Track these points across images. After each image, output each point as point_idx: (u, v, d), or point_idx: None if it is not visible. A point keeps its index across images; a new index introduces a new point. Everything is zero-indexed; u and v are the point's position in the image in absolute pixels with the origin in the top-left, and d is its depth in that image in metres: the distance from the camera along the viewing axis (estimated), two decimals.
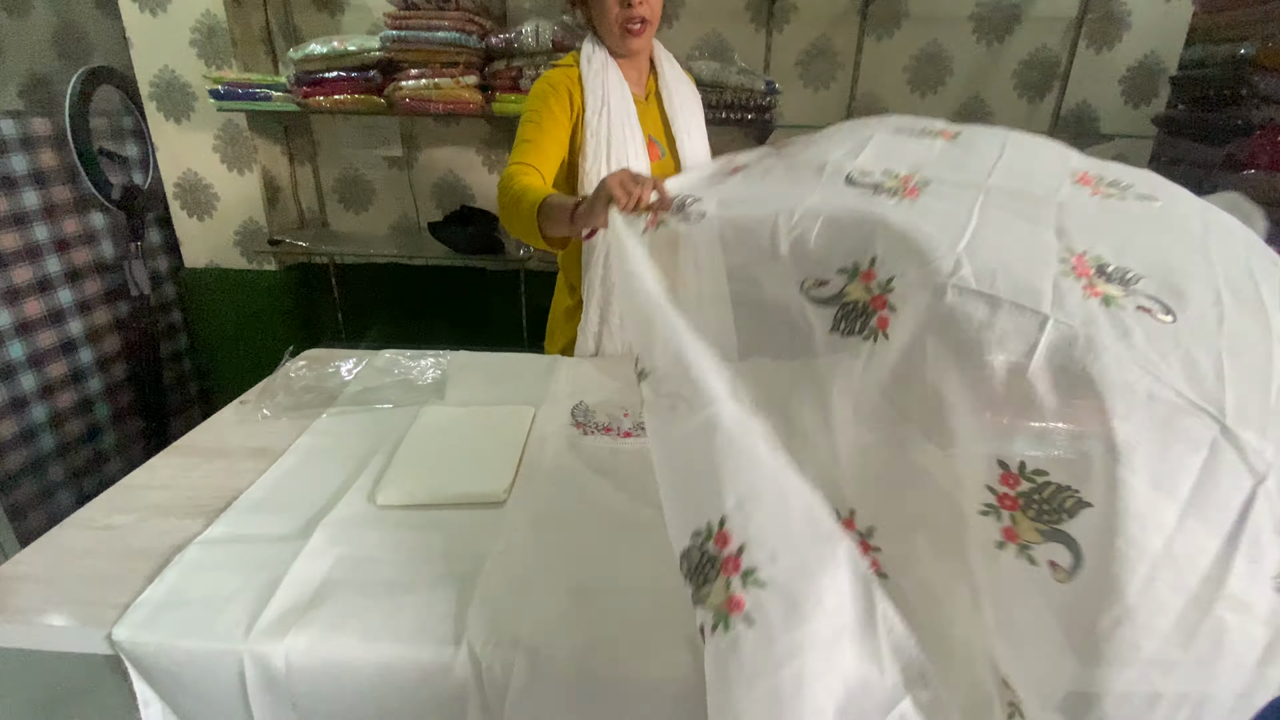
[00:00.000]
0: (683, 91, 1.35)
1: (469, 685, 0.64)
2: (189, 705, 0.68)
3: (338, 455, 0.99)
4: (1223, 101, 1.86)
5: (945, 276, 0.59)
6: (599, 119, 1.24)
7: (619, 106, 1.24)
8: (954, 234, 0.63)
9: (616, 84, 1.25)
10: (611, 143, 1.24)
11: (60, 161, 2.03)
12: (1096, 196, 0.75)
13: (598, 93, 1.24)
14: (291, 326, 2.48)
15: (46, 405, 2.03)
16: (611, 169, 1.20)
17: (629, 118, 1.26)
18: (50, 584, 0.73)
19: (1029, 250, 0.62)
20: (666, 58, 1.37)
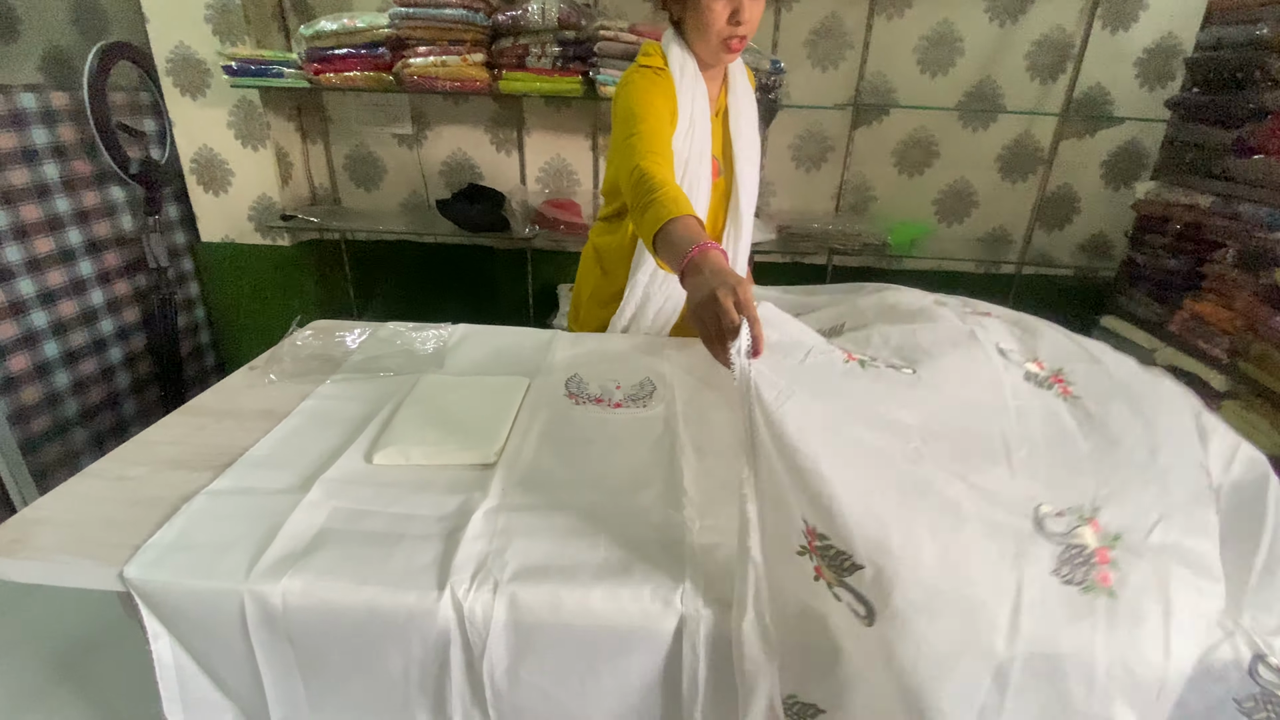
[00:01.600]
0: (749, 110, 1.28)
1: (451, 626, 0.69)
2: (196, 639, 0.74)
3: (338, 418, 1.03)
4: (1237, 84, 1.83)
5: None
6: (685, 138, 1.17)
7: (701, 127, 1.17)
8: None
9: (702, 101, 1.17)
10: (689, 164, 1.17)
11: (79, 135, 2.08)
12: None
13: (687, 110, 1.16)
14: (304, 301, 2.54)
15: (69, 372, 2.10)
16: (681, 181, 1.16)
17: (705, 138, 1.20)
18: (68, 527, 0.79)
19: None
20: (739, 69, 1.27)
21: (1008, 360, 0.82)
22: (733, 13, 1.06)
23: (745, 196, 1.27)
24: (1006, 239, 2.48)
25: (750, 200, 1.29)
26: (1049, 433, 0.72)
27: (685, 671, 0.70)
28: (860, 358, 0.82)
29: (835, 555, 0.64)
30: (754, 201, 1.31)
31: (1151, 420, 0.74)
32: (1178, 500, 0.68)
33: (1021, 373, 0.81)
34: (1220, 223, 1.82)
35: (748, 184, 1.27)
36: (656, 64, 1.16)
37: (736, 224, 1.29)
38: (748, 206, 1.29)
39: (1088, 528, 0.65)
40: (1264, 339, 1.67)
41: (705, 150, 1.20)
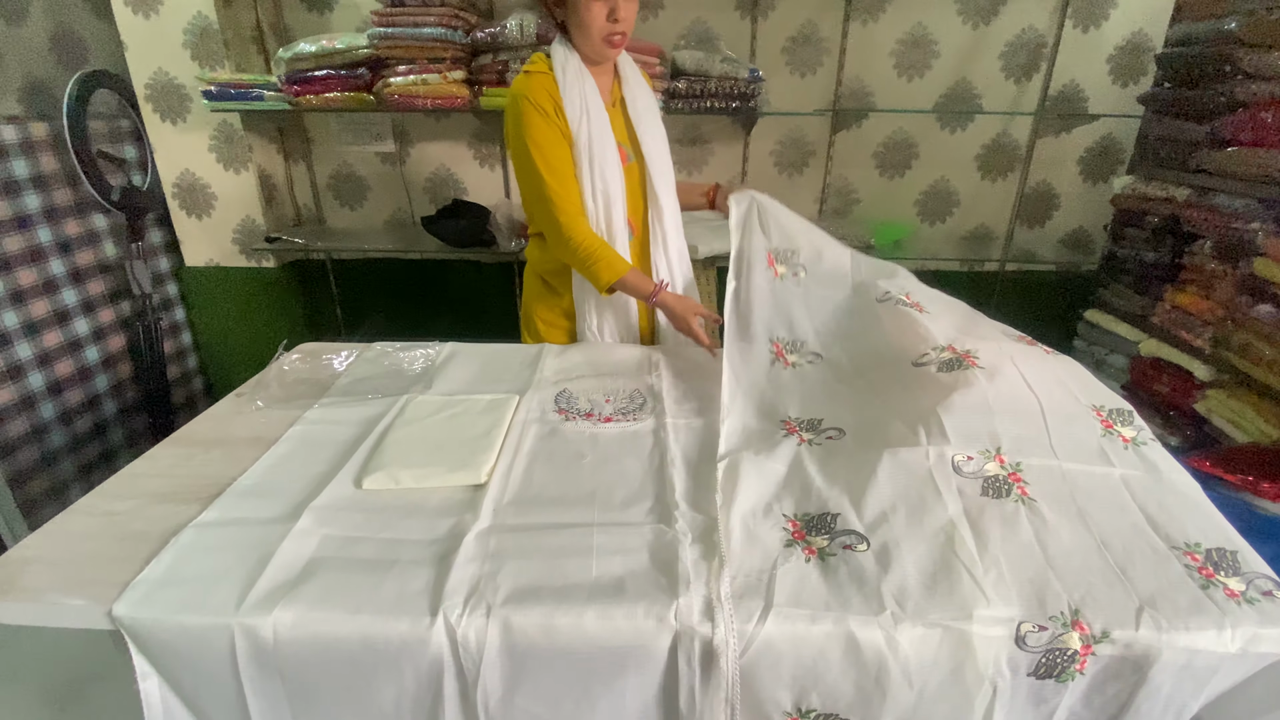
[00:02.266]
0: (644, 97, 1.37)
1: (445, 654, 0.69)
2: (184, 677, 0.73)
3: (327, 443, 1.03)
4: (1208, 78, 1.86)
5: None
6: (582, 130, 1.25)
7: (596, 117, 1.26)
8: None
9: (592, 93, 1.27)
10: (593, 152, 1.27)
11: (60, 165, 2.07)
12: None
13: (577, 103, 1.25)
14: (291, 322, 2.53)
15: (55, 403, 2.08)
16: (594, 177, 1.29)
17: (605, 126, 1.28)
18: (55, 566, 0.78)
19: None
20: (628, 63, 1.37)
21: (963, 477, 0.87)
22: (609, 12, 1.17)
23: (659, 177, 1.37)
24: (989, 237, 2.50)
25: (664, 179, 1.38)
26: (1010, 549, 0.77)
27: (683, 687, 0.70)
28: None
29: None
30: (670, 180, 1.40)
31: (1100, 524, 0.81)
32: (1148, 586, 0.73)
33: (979, 486, 0.86)
34: (1197, 215, 1.85)
35: (658, 164, 1.36)
36: (540, 69, 1.26)
37: (656, 204, 1.37)
38: (663, 185, 1.38)
39: (1074, 633, 0.69)
40: (1245, 328, 1.70)
41: (607, 135, 1.28)
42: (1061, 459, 0.89)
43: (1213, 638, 0.68)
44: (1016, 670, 0.70)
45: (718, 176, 2.45)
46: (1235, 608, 0.71)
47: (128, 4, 2.08)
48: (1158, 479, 0.89)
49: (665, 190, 1.38)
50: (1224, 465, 1.47)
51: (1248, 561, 0.77)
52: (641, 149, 1.35)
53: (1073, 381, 1.04)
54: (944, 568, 0.73)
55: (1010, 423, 0.93)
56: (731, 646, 0.68)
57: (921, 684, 0.69)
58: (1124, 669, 0.70)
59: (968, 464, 0.87)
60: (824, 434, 1.00)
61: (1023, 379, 1.00)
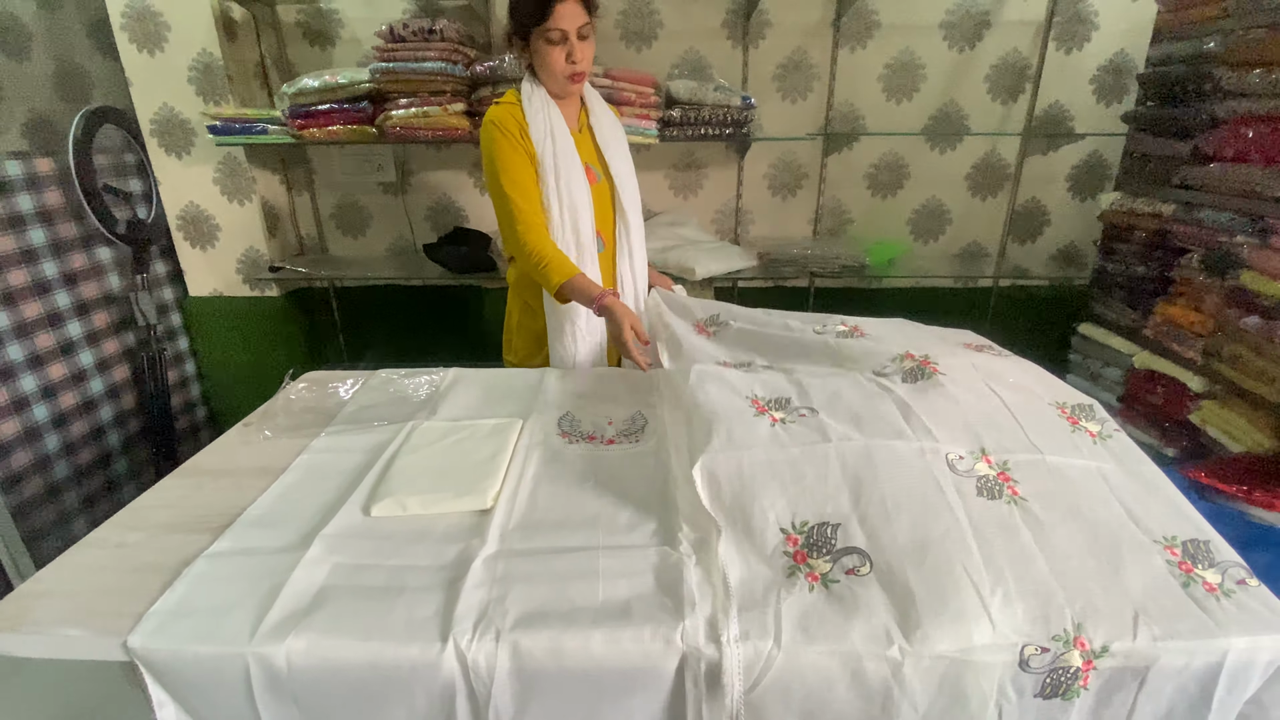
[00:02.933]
0: (610, 125, 1.52)
1: (456, 677, 0.70)
2: (201, 706, 0.74)
3: (335, 471, 1.05)
4: (1189, 96, 1.91)
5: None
6: (547, 150, 1.40)
7: (561, 139, 1.41)
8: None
9: (558, 120, 1.42)
10: (559, 171, 1.41)
11: (65, 199, 2.11)
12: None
13: (542, 128, 1.40)
14: (295, 350, 2.55)
15: (59, 434, 2.10)
16: (560, 192, 1.42)
17: (570, 148, 1.43)
18: (68, 599, 0.79)
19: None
20: (593, 95, 1.53)
21: (958, 475, 0.87)
22: (567, 55, 1.34)
23: (626, 195, 1.51)
24: (981, 253, 2.54)
25: (631, 197, 1.53)
26: (1013, 561, 0.77)
27: (690, 708, 0.71)
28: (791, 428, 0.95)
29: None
30: (636, 199, 1.56)
31: (1089, 519, 0.83)
32: (1138, 588, 0.75)
33: (974, 485, 0.86)
34: (1184, 229, 1.89)
35: (625, 183, 1.51)
36: (508, 100, 1.42)
37: (624, 219, 1.53)
38: (630, 203, 1.52)
39: (1075, 651, 0.70)
40: (1235, 340, 1.72)
41: (572, 155, 1.42)
42: (1044, 452, 0.90)
43: (1202, 642, 0.70)
44: (1023, 693, 0.71)
45: (713, 201, 2.49)
46: (1215, 604, 0.73)
47: (132, 40, 2.14)
48: (1128, 472, 0.90)
49: (632, 207, 1.53)
50: (1219, 475, 1.49)
51: (1219, 550, 0.80)
52: (610, 169, 1.49)
53: (1032, 381, 1.06)
54: (952, 586, 0.72)
55: (985, 423, 0.93)
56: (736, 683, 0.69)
57: (927, 709, 0.70)
58: (1125, 679, 0.71)
59: (960, 462, 0.87)
60: (795, 411, 0.97)
61: (985, 383, 1.01)
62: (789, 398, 1.01)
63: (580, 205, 1.43)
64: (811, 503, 0.82)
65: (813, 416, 0.96)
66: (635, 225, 1.55)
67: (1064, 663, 0.70)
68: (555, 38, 1.31)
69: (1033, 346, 1.29)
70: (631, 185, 1.53)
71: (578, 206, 1.43)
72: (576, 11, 1.30)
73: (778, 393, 1.03)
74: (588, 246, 1.46)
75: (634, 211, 1.54)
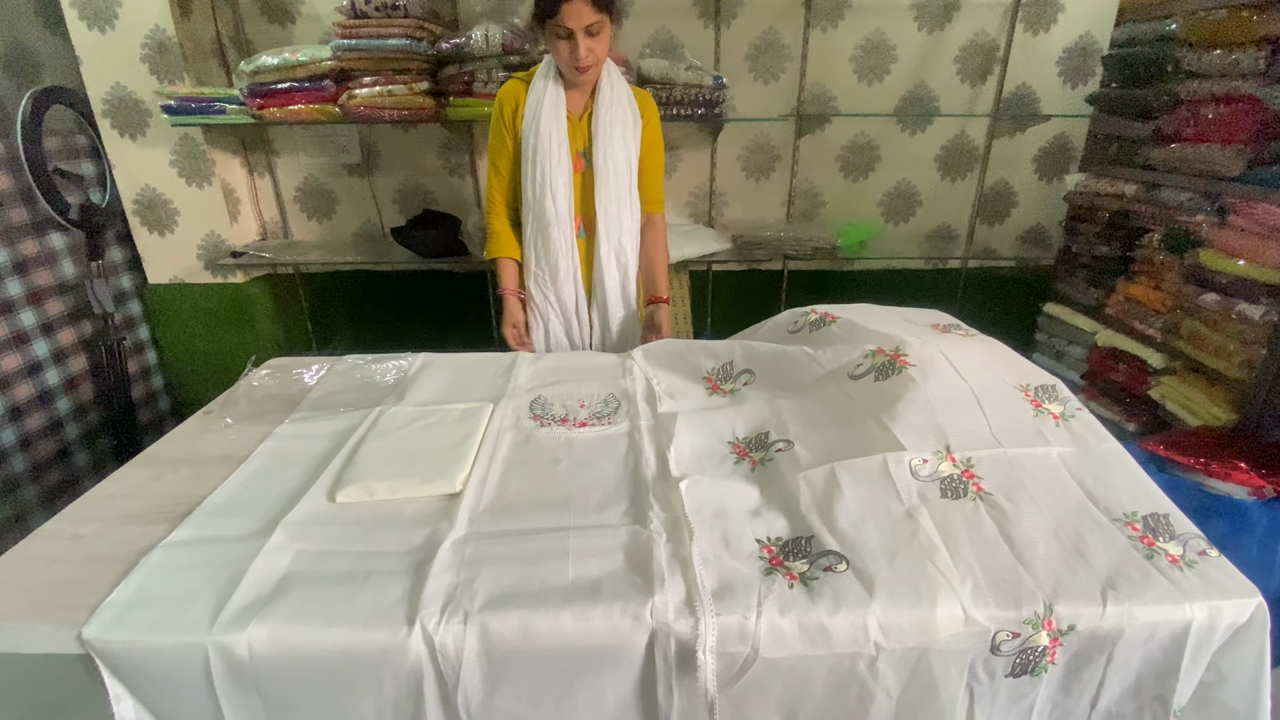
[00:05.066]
0: (614, 113, 1.49)
1: (423, 661, 0.69)
2: (159, 699, 0.72)
3: (299, 458, 1.02)
4: (1151, 78, 1.94)
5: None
6: (529, 132, 1.46)
7: (548, 122, 1.45)
8: None
9: (552, 103, 1.45)
10: (538, 154, 1.46)
11: (14, 183, 2.02)
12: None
13: (533, 108, 1.45)
14: (260, 338, 2.49)
15: (15, 428, 2.02)
16: (536, 176, 1.47)
17: (556, 134, 1.46)
18: (22, 591, 0.76)
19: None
20: (611, 83, 1.50)
21: (921, 481, 0.89)
22: (571, 50, 1.36)
23: (603, 187, 1.50)
24: (951, 235, 2.57)
25: (612, 192, 1.51)
26: (980, 551, 0.79)
27: (660, 683, 0.72)
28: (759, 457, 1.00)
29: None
30: (622, 194, 1.53)
31: (1050, 506, 0.86)
32: (1103, 564, 0.77)
33: (938, 487, 0.88)
34: (1145, 209, 1.93)
35: (605, 177, 1.50)
36: (522, 76, 1.51)
37: (606, 210, 1.52)
38: (609, 197, 1.51)
39: (1043, 631, 0.72)
40: (1193, 316, 1.77)
41: (556, 140, 1.46)
42: (1005, 445, 0.93)
43: (1169, 610, 0.72)
44: (994, 674, 0.73)
45: (687, 183, 2.48)
46: (1180, 575, 0.76)
47: (82, 18, 2.04)
48: (1088, 452, 0.93)
49: (614, 201, 1.52)
50: (1177, 448, 1.53)
51: (1179, 522, 0.82)
52: (594, 162, 1.49)
53: (998, 363, 1.08)
54: (924, 581, 0.74)
55: (952, 418, 0.96)
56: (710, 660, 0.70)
57: (900, 694, 0.72)
58: (1093, 653, 0.73)
59: (923, 467, 0.90)
60: (773, 447, 1.00)
61: (954, 369, 1.04)
62: (767, 432, 1.04)
63: (559, 190, 1.47)
64: (785, 526, 0.85)
65: (788, 450, 0.98)
66: (617, 217, 1.53)
67: (1033, 643, 0.72)
68: (562, 34, 1.35)
69: (1000, 326, 1.31)
70: (617, 179, 1.51)
71: (556, 190, 1.47)
72: (584, 11, 1.32)
73: (758, 429, 1.06)
74: (563, 229, 1.50)
75: (616, 206, 1.52)
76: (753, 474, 0.97)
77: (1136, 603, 0.72)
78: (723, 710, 0.71)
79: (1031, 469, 0.90)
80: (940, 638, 0.71)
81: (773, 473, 0.95)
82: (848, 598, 0.72)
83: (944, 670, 0.72)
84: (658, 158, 1.58)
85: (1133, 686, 0.76)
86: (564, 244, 1.51)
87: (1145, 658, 0.74)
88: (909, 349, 1.06)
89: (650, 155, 1.56)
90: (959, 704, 0.73)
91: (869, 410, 1.00)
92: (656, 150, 1.58)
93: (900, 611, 0.71)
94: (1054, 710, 0.77)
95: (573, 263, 1.54)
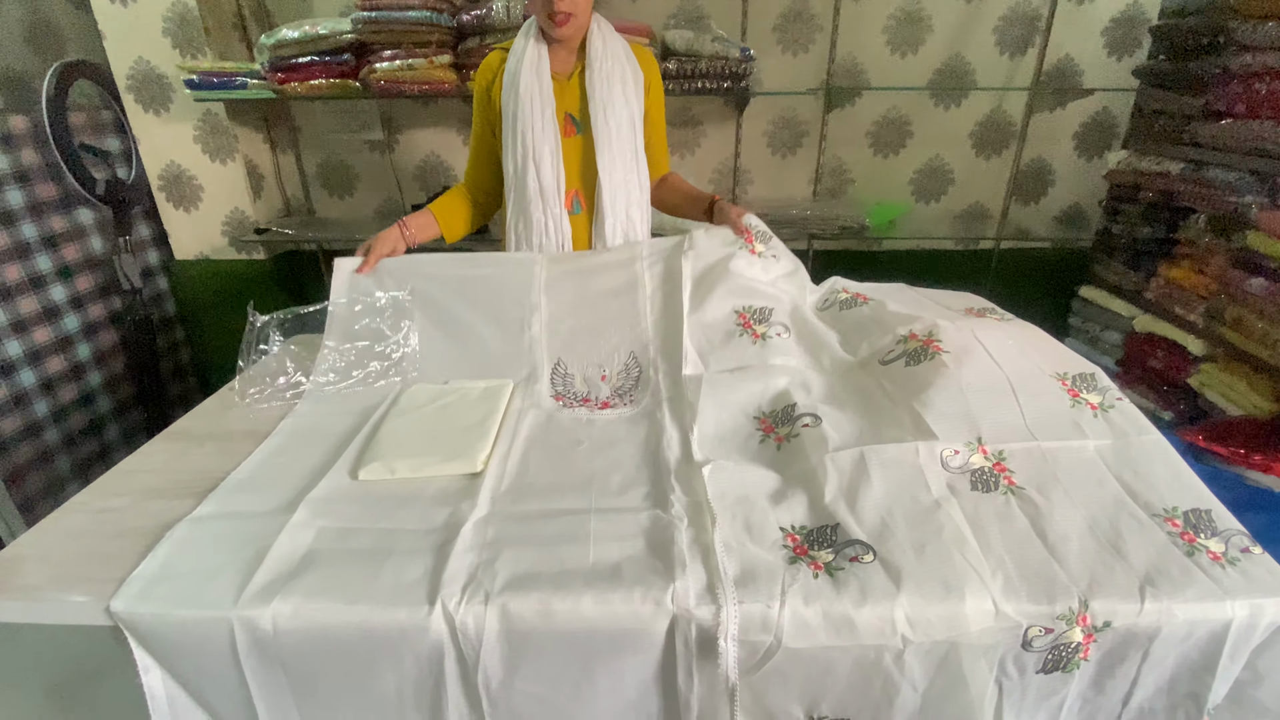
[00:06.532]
0: (609, 68, 1.33)
1: (444, 640, 0.69)
2: (187, 670, 0.73)
3: (321, 434, 1.03)
4: (1202, 50, 1.84)
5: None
6: (509, 97, 1.33)
7: (528, 83, 1.30)
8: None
9: (532, 62, 1.31)
10: (518, 120, 1.31)
11: (42, 159, 2.04)
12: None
13: (512, 71, 1.32)
14: None
15: (48, 400, 2.07)
16: (517, 147, 1.33)
17: (538, 95, 1.31)
18: (51, 563, 0.78)
19: None
20: (603, 36, 1.35)
21: (951, 472, 0.86)
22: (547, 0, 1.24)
23: (603, 150, 1.33)
24: (984, 214, 2.49)
25: (611, 154, 1.34)
26: (1011, 545, 0.77)
27: (680, 668, 0.71)
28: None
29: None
30: (625, 156, 1.36)
31: (1085, 501, 0.82)
32: (1141, 561, 0.74)
33: (968, 480, 0.85)
34: (1190, 189, 1.84)
35: (604, 138, 1.33)
36: (504, 44, 1.39)
37: (609, 176, 1.34)
38: (608, 160, 1.34)
39: (1077, 628, 0.70)
40: (1238, 302, 1.69)
41: (541, 105, 1.31)
42: (1040, 438, 0.90)
43: (1209, 608, 0.69)
44: (1024, 670, 0.71)
45: (710, 160, 2.42)
46: (1221, 572, 0.72)
47: None
48: (1127, 445, 0.90)
49: (618, 167, 1.35)
50: (1217, 439, 1.48)
51: (1221, 519, 0.79)
52: (592, 123, 1.33)
53: (1034, 350, 1.04)
54: (953, 574, 0.72)
55: (986, 407, 0.93)
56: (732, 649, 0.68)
57: (926, 688, 0.70)
58: (1128, 650, 0.71)
59: (954, 458, 0.87)
60: (799, 422, 0.97)
61: (989, 355, 1.00)
62: (794, 404, 1.00)
63: (543, 158, 1.32)
64: (810, 514, 0.82)
65: (815, 426, 0.95)
66: (624, 186, 1.36)
67: (1066, 639, 0.70)
68: None
69: (1032, 310, 1.26)
70: (615, 140, 1.34)
71: (541, 159, 1.32)
72: None
73: (785, 399, 1.02)
74: (549, 204, 1.34)
75: (623, 170, 1.35)
76: (778, 453, 0.94)
77: (1176, 600, 0.70)
78: (743, 697, 0.70)
79: (1066, 463, 0.87)
80: (970, 632, 0.69)
81: (798, 451, 0.92)
82: (874, 589, 0.70)
83: (973, 665, 0.70)
84: (663, 118, 1.45)
85: (1167, 684, 0.74)
86: (548, 223, 1.35)
87: (1181, 656, 0.72)
88: (943, 334, 1.03)
89: (658, 119, 1.43)
90: (987, 699, 0.72)
91: (899, 396, 0.98)
92: (662, 110, 1.44)
93: (929, 604, 0.69)
94: (1084, 707, 0.75)
95: (559, 245, 1.36)
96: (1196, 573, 0.72)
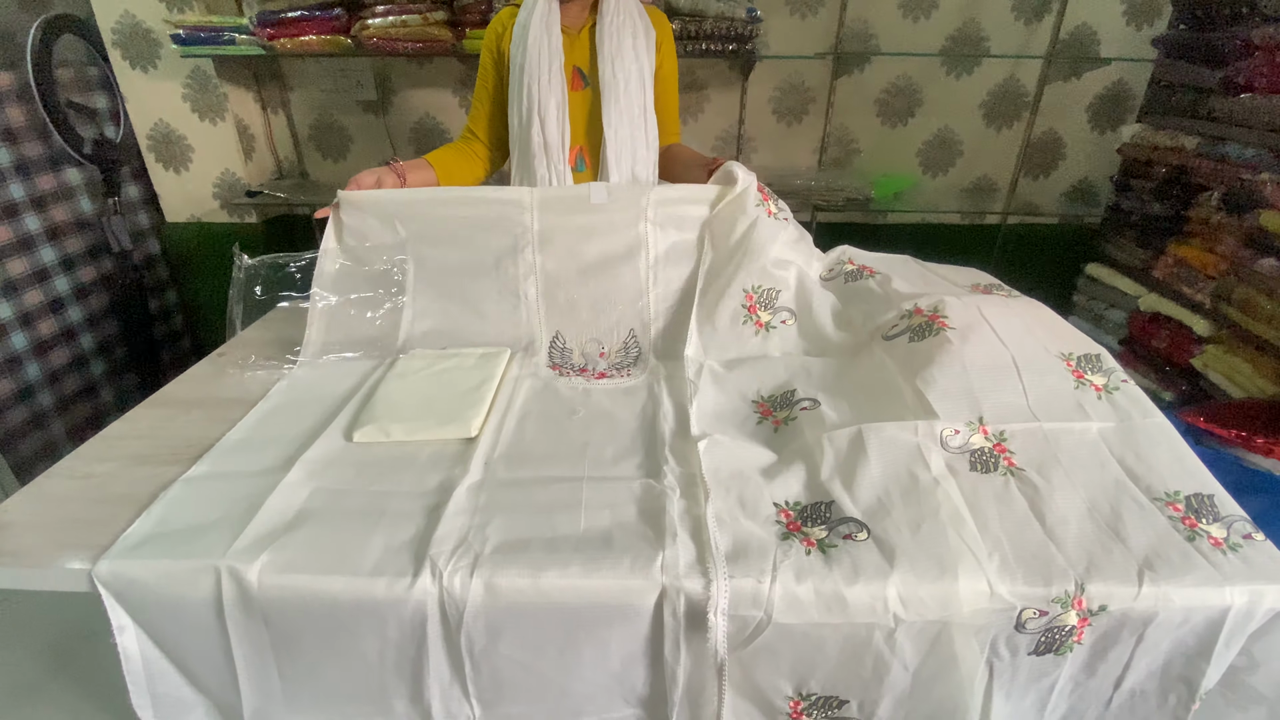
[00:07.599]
0: (620, 21, 1.31)
1: (430, 601, 0.68)
2: (166, 626, 0.72)
3: (316, 397, 1.01)
4: (1224, 20, 1.78)
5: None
6: (517, 50, 1.30)
7: (537, 35, 1.28)
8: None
9: (543, 15, 1.28)
10: (525, 72, 1.28)
11: (28, 117, 1.98)
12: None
13: (522, 24, 1.30)
14: None
15: (40, 363, 2.05)
16: (523, 99, 1.30)
17: (547, 48, 1.28)
18: (35, 529, 0.77)
19: None
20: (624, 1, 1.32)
21: (950, 452, 0.85)
22: None
23: (610, 105, 1.30)
24: (991, 188, 2.44)
25: (621, 110, 1.32)
26: (1009, 527, 0.76)
27: (668, 640, 0.70)
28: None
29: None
30: (633, 112, 1.33)
31: (1085, 484, 0.81)
32: (1141, 545, 0.73)
33: (967, 460, 0.84)
34: (1206, 165, 1.80)
35: (611, 93, 1.30)
36: (519, 2, 1.34)
37: (615, 132, 1.32)
38: (615, 115, 1.31)
39: (1071, 610, 0.69)
40: (1247, 282, 1.67)
41: (545, 58, 1.28)
42: (1042, 419, 0.88)
43: (1208, 594, 0.68)
44: (1016, 651, 0.71)
45: (713, 126, 2.37)
46: (1222, 558, 0.71)
47: None
48: (1131, 428, 0.88)
49: (625, 123, 1.32)
50: (1217, 420, 1.47)
51: (1224, 504, 0.78)
52: (600, 77, 1.30)
53: (1040, 329, 1.02)
54: (948, 553, 0.71)
55: (989, 387, 0.91)
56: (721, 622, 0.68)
57: (917, 667, 0.70)
58: (1122, 634, 0.71)
59: (954, 438, 0.86)
60: (798, 405, 0.95)
61: (994, 332, 0.98)
62: (794, 390, 0.98)
63: (549, 111, 1.29)
64: (805, 490, 0.81)
65: (814, 409, 0.93)
66: (630, 143, 1.33)
67: (1060, 622, 0.69)
68: None
69: (1038, 287, 1.24)
70: (623, 96, 1.31)
71: (546, 112, 1.29)
72: None
73: (784, 385, 1.01)
74: (553, 160, 1.31)
75: (630, 126, 1.32)
76: (775, 434, 0.93)
77: (1174, 585, 0.69)
78: (731, 672, 0.70)
79: (1068, 445, 0.86)
80: (963, 612, 0.68)
81: (795, 432, 0.91)
82: (867, 567, 0.69)
83: (965, 645, 0.69)
84: (675, 83, 1.41)
85: (1160, 668, 0.73)
86: (552, 179, 1.32)
87: (1177, 640, 0.71)
88: (949, 309, 1.00)
89: (669, 79, 1.40)
90: (977, 680, 0.71)
91: (901, 373, 0.96)
92: (674, 74, 1.41)
93: (922, 584, 0.68)
94: (1075, 689, 0.75)
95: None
96: (1196, 558, 0.71)
